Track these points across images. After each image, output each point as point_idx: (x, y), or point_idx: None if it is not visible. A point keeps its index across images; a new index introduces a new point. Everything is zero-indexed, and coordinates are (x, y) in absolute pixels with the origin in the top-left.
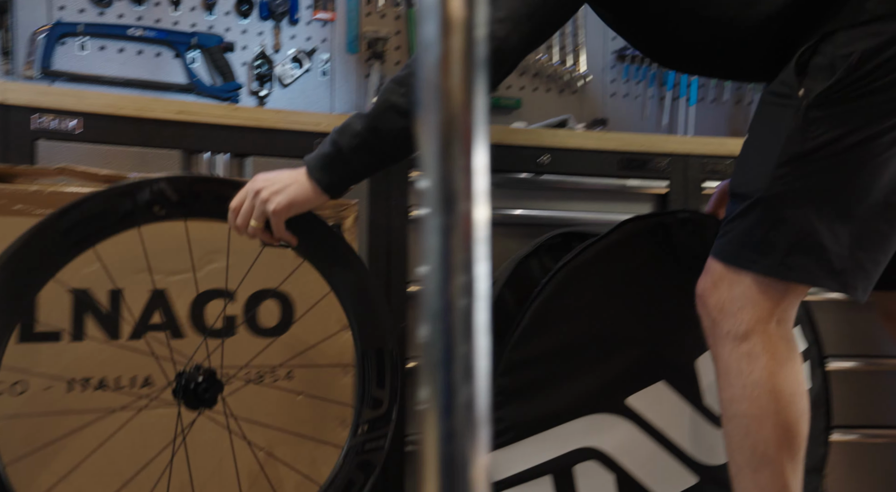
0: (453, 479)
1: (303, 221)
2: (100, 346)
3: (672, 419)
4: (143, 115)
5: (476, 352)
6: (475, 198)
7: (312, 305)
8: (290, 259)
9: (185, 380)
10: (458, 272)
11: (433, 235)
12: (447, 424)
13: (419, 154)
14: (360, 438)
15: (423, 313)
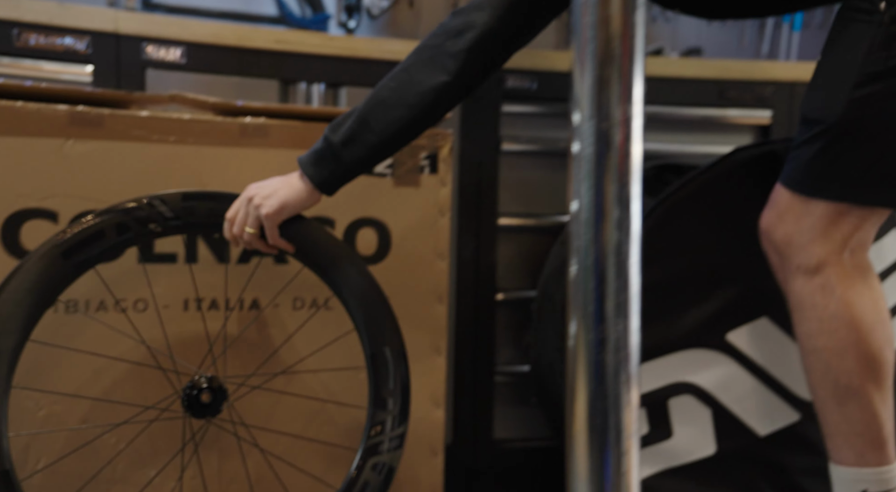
0: (603, 417)
1: (300, 227)
2: (213, 267)
3: (774, 355)
4: (243, 45)
5: (629, 288)
6: (632, 131)
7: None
8: (388, 190)
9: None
10: (612, 207)
11: (585, 169)
12: (597, 360)
13: (574, 91)
14: (374, 439)
15: (573, 249)
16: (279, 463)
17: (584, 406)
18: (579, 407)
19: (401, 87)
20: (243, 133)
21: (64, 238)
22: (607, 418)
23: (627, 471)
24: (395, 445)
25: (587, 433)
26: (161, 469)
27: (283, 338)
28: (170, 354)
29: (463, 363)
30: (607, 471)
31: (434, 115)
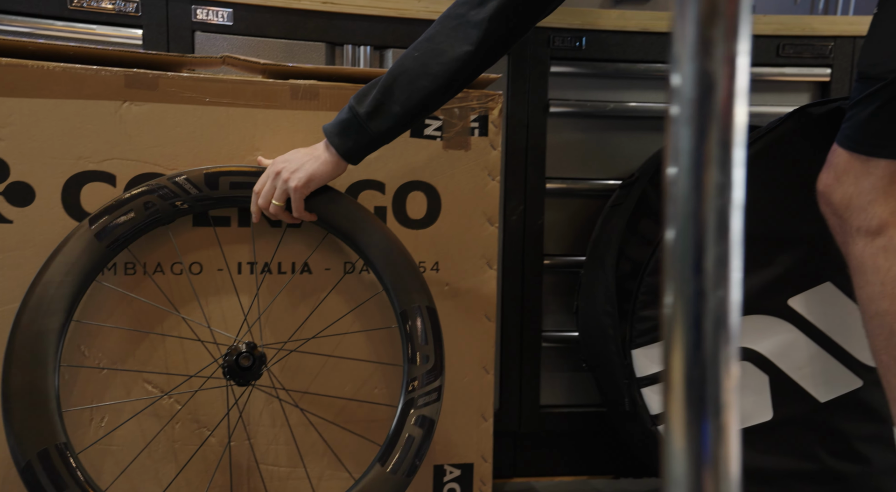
0: (702, 391)
1: (322, 196)
2: (266, 232)
3: (837, 321)
4: (290, 6)
5: (730, 257)
6: (736, 92)
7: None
8: (438, 153)
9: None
10: (714, 171)
11: (686, 131)
12: (696, 332)
13: (673, 52)
14: (412, 394)
15: (670, 216)
16: (325, 427)
17: (680, 379)
18: (675, 379)
19: (425, 57)
20: (294, 95)
21: (95, 219)
22: (705, 390)
23: (727, 444)
24: (433, 398)
25: (685, 406)
26: (207, 438)
27: (328, 303)
28: (207, 324)
29: (509, 329)
30: (706, 444)
31: (458, 84)
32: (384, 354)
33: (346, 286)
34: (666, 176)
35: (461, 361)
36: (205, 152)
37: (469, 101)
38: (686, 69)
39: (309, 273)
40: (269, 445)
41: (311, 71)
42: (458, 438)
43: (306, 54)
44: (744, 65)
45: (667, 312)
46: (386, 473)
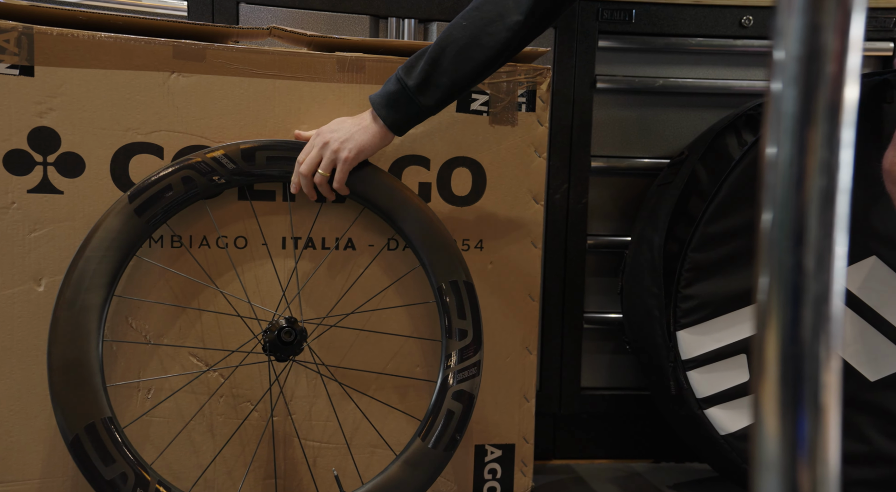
0: (799, 384)
1: (358, 172)
2: (308, 205)
3: (885, 296)
4: None
5: (833, 240)
6: (847, 70)
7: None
8: (484, 128)
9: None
10: (818, 149)
11: (788, 109)
12: (794, 321)
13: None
14: (450, 369)
15: (767, 198)
16: (365, 402)
17: (775, 368)
18: (770, 368)
19: (473, 27)
20: (340, 68)
21: (135, 195)
22: (802, 380)
23: (826, 434)
24: (473, 373)
25: (779, 397)
26: (250, 412)
27: (370, 279)
28: (248, 299)
29: (551, 309)
30: (802, 432)
31: (507, 54)
32: (424, 329)
33: (388, 262)
34: (763, 155)
35: (504, 340)
36: (251, 125)
37: (517, 75)
38: (791, 45)
39: (353, 249)
40: (308, 420)
41: (356, 43)
42: (499, 418)
43: (350, 26)
44: (857, 39)
45: (761, 299)
46: (426, 447)
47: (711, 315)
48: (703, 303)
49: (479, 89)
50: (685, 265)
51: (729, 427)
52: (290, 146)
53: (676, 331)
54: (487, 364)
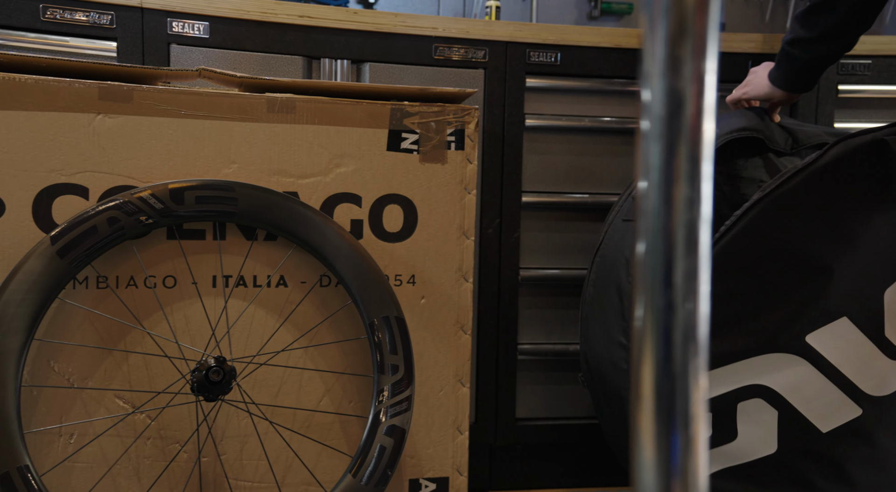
0: (670, 403)
1: (287, 210)
2: (239, 244)
3: (848, 355)
4: (267, 19)
5: (699, 271)
6: (704, 109)
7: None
8: (414, 166)
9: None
10: (682, 185)
11: (655, 146)
12: (665, 345)
13: (643, 70)
14: (382, 405)
15: (642, 229)
16: (297, 440)
17: (650, 391)
18: (646, 391)
19: (804, 27)
20: (270, 108)
21: (58, 237)
22: (675, 402)
23: (695, 455)
24: (404, 408)
25: (654, 420)
26: (178, 453)
27: (303, 316)
28: (175, 339)
29: (486, 342)
30: (675, 455)
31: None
32: (358, 365)
33: (321, 299)
34: (636, 190)
35: (437, 374)
36: (180, 165)
37: (445, 115)
38: (656, 86)
39: (285, 286)
40: (240, 460)
41: (287, 84)
42: (433, 451)
43: (283, 68)
44: (711, 82)
45: (637, 325)
46: (358, 484)
47: None
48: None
49: (408, 129)
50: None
51: None
52: (219, 186)
53: None
54: (421, 398)
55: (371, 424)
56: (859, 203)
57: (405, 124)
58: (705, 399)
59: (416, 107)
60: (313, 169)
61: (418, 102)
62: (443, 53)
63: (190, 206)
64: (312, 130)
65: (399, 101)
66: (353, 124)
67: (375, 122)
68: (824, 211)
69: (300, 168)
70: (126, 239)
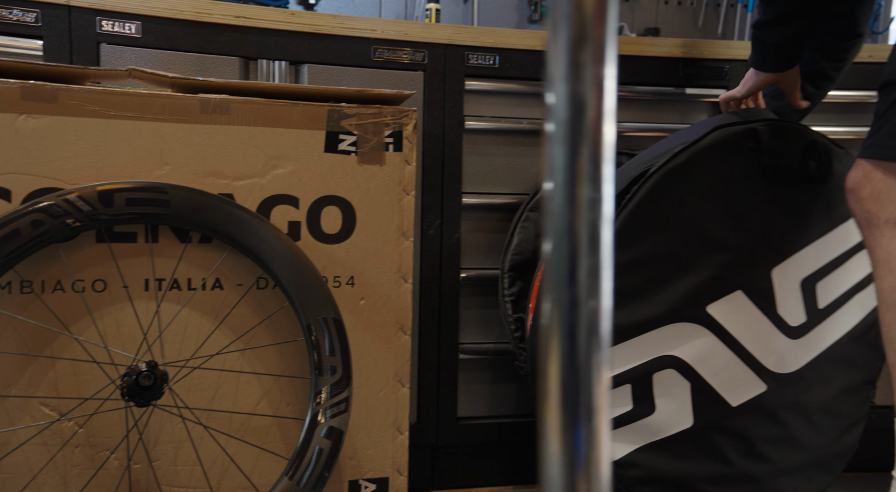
0: (575, 394)
1: (221, 212)
2: (173, 246)
3: (747, 327)
4: (202, 19)
5: (601, 269)
6: (604, 112)
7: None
8: (352, 167)
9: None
10: (585, 186)
11: (559, 148)
12: (569, 341)
13: (547, 74)
14: (319, 406)
15: (548, 229)
16: (235, 444)
17: (556, 386)
18: (552, 386)
19: (763, 10)
20: (204, 109)
21: None
22: (579, 397)
23: (598, 447)
24: (342, 409)
25: (560, 412)
26: (106, 459)
27: (240, 319)
28: (104, 344)
29: (427, 342)
30: (579, 447)
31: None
32: (297, 367)
33: (257, 301)
34: (543, 191)
35: (377, 374)
36: (109, 167)
37: (383, 116)
38: (559, 91)
39: (221, 289)
40: (174, 465)
41: (222, 85)
42: (373, 452)
43: (219, 68)
44: (611, 87)
45: (544, 322)
46: (295, 486)
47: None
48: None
49: (346, 130)
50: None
51: (613, 455)
52: (151, 188)
53: None
54: (360, 399)
55: (308, 426)
56: (741, 185)
57: (343, 126)
58: (608, 393)
59: (353, 108)
60: (249, 171)
61: (356, 104)
62: (382, 55)
63: (120, 208)
64: (248, 131)
65: (336, 103)
66: (290, 126)
67: (313, 123)
68: (713, 189)
69: (236, 170)
70: (52, 242)
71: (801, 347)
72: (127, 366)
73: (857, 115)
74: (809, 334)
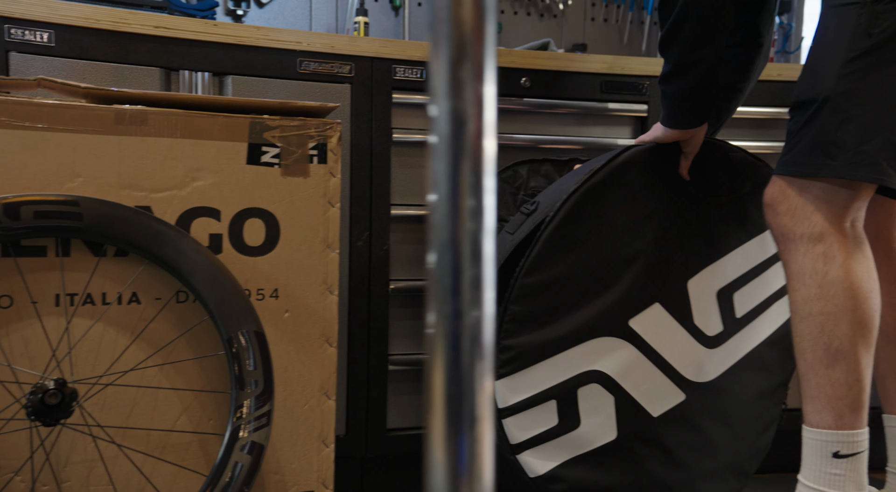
0: (459, 403)
1: (137, 224)
2: (86, 260)
3: (666, 340)
4: (120, 29)
5: (484, 278)
6: (485, 127)
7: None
8: (276, 180)
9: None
10: (467, 198)
11: (442, 161)
12: (453, 350)
13: (430, 83)
14: (240, 420)
15: (432, 240)
16: (153, 463)
17: (441, 398)
18: (437, 399)
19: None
20: (119, 120)
21: None
22: (462, 409)
23: (481, 455)
24: (263, 423)
25: (444, 421)
26: (9, 481)
27: (159, 333)
28: (7, 362)
29: (356, 353)
30: (462, 456)
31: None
32: (219, 382)
33: (177, 315)
34: (427, 202)
35: (302, 387)
36: (16, 179)
37: (307, 129)
38: (441, 106)
39: (138, 303)
40: (86, 486)
41: (139, 96)
42: (298, 466)
43: (139, 79)
44: (491, 103)
45: (429, 333)
46: None
47: (527, 364)
48: (520, 353)
49: (269, 142)
50: (506, 317)
51: (539, 470)
52: (61, 200)
53: (496, 380)
54: (285, 412)
55: (228, 441)
56: (657, 199)
57: (265, 138)
58: (491, 402)
59: (276, 121)
60: (168, 183)
61: (279, 116)
62: (308, 68)
63: (27, 221)
64: (167, 143)
65: (259, 115)
66: (211, 137)
67: (234, 135)
68: (630, 204)
69: (153, 182)
70: None
71: (719, 355)
72: (33, 384)
73: (769, 131)
74: (727, 343)
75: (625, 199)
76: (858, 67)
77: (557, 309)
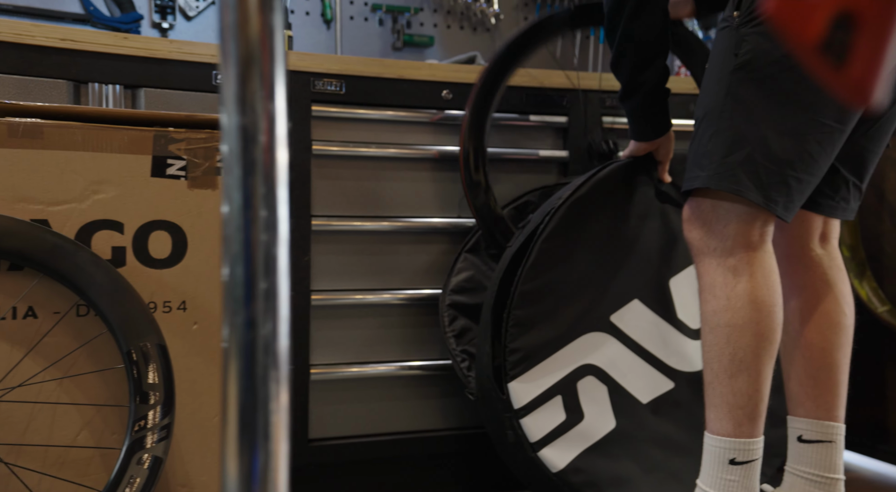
0: (253, 414)
1: (31, 237)
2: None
3: (648, 333)
4: (23, 41)
5: (278, 291)
6: (276, 140)
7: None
8: (182, 192)
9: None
10: (259, 209)
11: (232, 174)
12: (247, 360)
13: (222, 92)
14: (138, 433)
15: (225, 252)
16: (48, 481)
17: (235, 409)
18: (231, 410)
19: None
20: (12, 133)
21: None
22: (256, 419)
23: (276, 470)
24: (162, 436)
25: (238, 434)
26: None
27: (57, 348)
28: None
29: None
30: (255, 470)
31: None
32: (123, 396)
33: (77, 329)
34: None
35: (212, 399)
36: None
37: (214, 141)
38: (231, 121)
39: (34, 317)
40: None
41: (34, 109)
42: (207, 479)
43: (46, 92)
44: (282, 116)
45: (224, 345)
46: None
47: (533, 364)
48: (527, 354)
49: (174, 155)
50: (510, 321)
51: (559, 464)
52: None
53: (508, 383)
54: (194, 425)
55: (125, 455)
56: (639, 207)
57: (170, 150)
58: (286, 412)
59: (182, 133)
60: (66, 196)
61: (185, 129)
62: None
63: None
64: (64, 155)
65: (164, 128)
66: (113, 150)
67: (138, 148)
68: (613, 213)
69: (50, 195)
70: None
71: None
72: None
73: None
74: None
75: (608, 208)
76: (729, 84)
77: (554, 310)
